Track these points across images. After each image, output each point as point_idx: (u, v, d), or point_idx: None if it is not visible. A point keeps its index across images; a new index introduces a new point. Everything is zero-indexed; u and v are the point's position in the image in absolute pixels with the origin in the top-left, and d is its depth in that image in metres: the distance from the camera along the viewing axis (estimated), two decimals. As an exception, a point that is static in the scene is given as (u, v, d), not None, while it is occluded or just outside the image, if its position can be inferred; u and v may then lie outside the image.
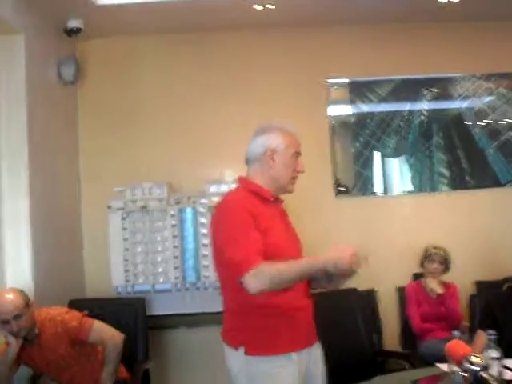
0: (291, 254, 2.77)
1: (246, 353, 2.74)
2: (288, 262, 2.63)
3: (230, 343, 2.85)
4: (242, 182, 2.98)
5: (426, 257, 5.09)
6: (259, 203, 2.83)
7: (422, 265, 5.15)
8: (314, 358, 2.90)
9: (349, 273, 2.62)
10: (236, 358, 2.80)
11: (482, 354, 2.14)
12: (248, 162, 3.02)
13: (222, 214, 2.83)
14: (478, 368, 1.94)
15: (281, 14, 5.30)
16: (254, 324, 2.75)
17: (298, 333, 2.80)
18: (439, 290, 5.00)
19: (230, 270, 2.72)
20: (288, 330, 2.75)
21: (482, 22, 5.56)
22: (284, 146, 2.90)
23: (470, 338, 3.46)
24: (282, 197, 3.04)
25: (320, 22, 5.53)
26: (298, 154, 2.94)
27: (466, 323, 4.62)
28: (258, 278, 2.56)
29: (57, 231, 4.95)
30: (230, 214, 2.77)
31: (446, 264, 5.07)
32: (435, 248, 5.09)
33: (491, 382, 1.90)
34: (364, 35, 5.67)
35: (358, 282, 3.90)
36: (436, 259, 5.05)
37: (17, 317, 3.51)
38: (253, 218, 2.72)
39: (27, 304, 3.58)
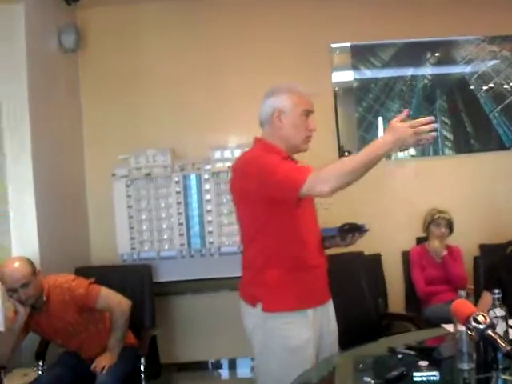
0: (305, 213, 2.87)
1: (264, 309, 2.81)
2: (351, 156, 2.62)
3: (248, 300, 2.90)
4: (258, 142, 3.01)
5: (432, 221, 5.10)
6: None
7: (426, 229, 5.16)
8: (327, 315, 2.99)
9: None
10: (253, 315, 2.86)
11: (488, 313, 2.15)
12: (261, 124, 3.04)
13: (252, 163, 2.82)
14: (484, 326, 1.94)
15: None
16: (270, 280, 2.81)
17: (313, 290, 2.88)
18: (443, 251, 5.02)
19: (282, 192, 2.68)
20: (304, 287, 2.82)
21: (485, -17, 5.52)
22: (291, 105, 2.90)
23: (474, 302, 3.48)
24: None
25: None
26: (308, 112, 2.93)
27: (470, 286, 4.63)
28: (323, 177, 2.54)
29: (61, 200, 4.97)
30: (260, 161, 2.77)
31: (450, 227, 5.09)
32: (440, 212, 5.10)
33: (497, 339, 1.91)
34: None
35: (364, 246, 3.92)
36: (442, 223, 5.07)
37: (24, 285, 3.52)
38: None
39: (34, 272, 3.59)
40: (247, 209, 2.92)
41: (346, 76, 5.75)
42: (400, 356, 2.59)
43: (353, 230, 2.89)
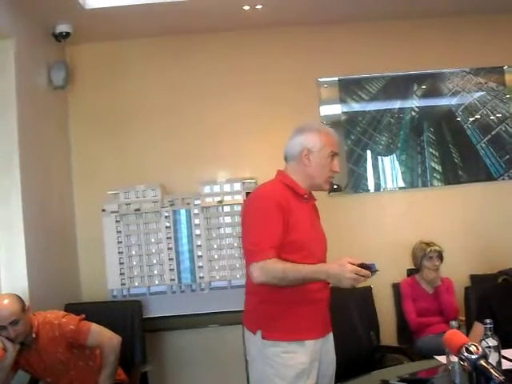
0: (315, 250, 2.96)
1: (263, 337, 2.88)
2: (295, 265, 2.74)
3: (249, 327, 3.01)
4: (279, 175, 3.09)
5: (425, 255, 5.10)
6: (291, 197, 2.96)
7: (419, 263, 5.14)
8: (327, 346, 3.05)
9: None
10: (254, 342, 2.95)
11: (480, 344, 2.14)
12: (286, 159, 3.11)
13: (253, 201, 3.01)
14: (477, 356, 1.94)
15: (269, 15, 5.32)
16: (272, 309, 2.89)
17: (314, 322, 2.94)
18: (439, 281, 5.03)
19: (245, 256, 2.90)
20: (304, 319, 2.89)
21: (470, 16, 5.59)
22: (320, 146, 2.99)
23: (466, 333, 3.47)
24: (316, 195, 3.17)
25: (309, 21, 5.54)
26: (334, 153, 3.02)
27: (462, 317, 4.62)
28: (263, 271, 2.73)
29: (51, 235, 4.94)
30: (260, 203, 2.93)
31: (441, 257, 5.09)
32: (429, 245, 5.10)
33: (490, 370, 1.90)
34: (353, 33, 5.70)
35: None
36: (435, 256, 5.08)
37: (13, 322, 3.49)
38: (282, 210, 2.84)
39: (23, 309, 3.56)
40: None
41: (334, 109, 5.78)
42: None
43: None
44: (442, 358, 2.80)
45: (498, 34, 5.66)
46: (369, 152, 5.75)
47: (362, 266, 2.87)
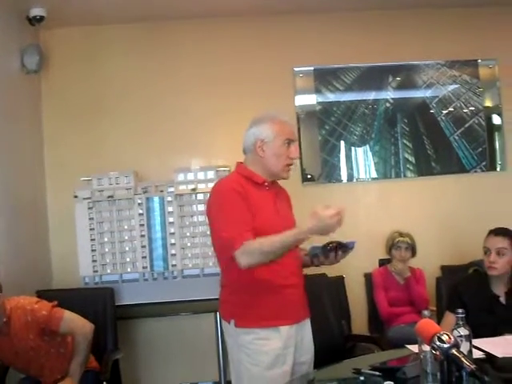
0: (282, 228, 2.91)
1: (236, 325, 2.92)
2: (273, 236, 2.81)
3: (224, 316, 3.06)
4: (238, 167, 3.14)
5: (393, 245, 5.15)
6: (251, 187, 2.99)
7: (389, 252, 5.21)
8: (303, 333, 3.07)
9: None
10: (228, 331, 3.00)
11: (452, 333, 2.16)
12: (244, 151, 3.16)
13: (214, 195, 3.02)
14: (449, 346, 1.95)
15: (245, 3, 5.31)
16: (242, 299, 2.94)
17: (285, 308, 2.96)
18: (407, 272, 5.07)
19: (221, 248, 2.97)
20: (274, 306, 2.93)
21: (446, 9, 5.64)
22: (273, 135, 3.03)
23: (437, 322, 3.50)
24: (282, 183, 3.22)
25: (285, 10, 5.53)
26: (289, 141, 3.05)
27: (432, 307, 4.66)
28: (247, 254, 2.78)
29: (22, 221, 4.90)
30: (221, 196, 2.96)
31: (412, 250, 5.13)
32: (401, 235, 5.15)
33: (462, 359, 1.92)
34: (329, 23, 5.71)
35: (327, 268, 3.92)
36: (403, 246, 5.13)
37: None
38: (242, 198, 2.89)
39: None
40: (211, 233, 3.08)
41: (309, 99, 5.78)
42: (365, 377, 2.59)
43: (337, 248, 2.96)
44: (413, 347, 2.81)
45: (473, 27, 5.71)
46: (342, 142, 5.76)
47: (337, 243, 2.93)
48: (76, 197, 5.07)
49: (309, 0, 5.39)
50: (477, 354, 2.46)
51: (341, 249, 2.97)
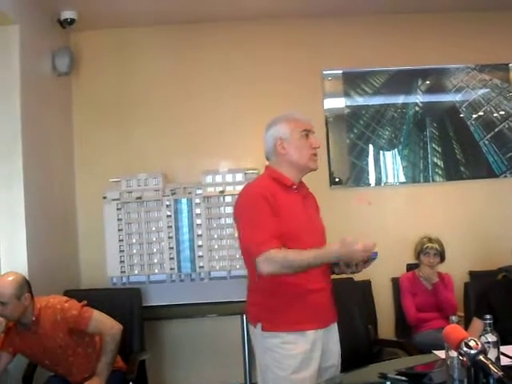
0: (309, 239, 2.93)
1: (263, 329, 2.92)
2: (300, 251, 2.78)
3: (250, 320, 3.05)
4: (267, 170, 3.13)
5: (422, 250, 5.11)
6: (280, 189, 2.98)
7: (417, 257, 5.17)
8: (330, 337, 3.06)
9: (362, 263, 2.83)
10: (255, 335, 3.00)
11: (479, 339, 2.14)
12: (267, 157, 3.16)
13: (241, 199, 3.03)
14: (476, 352, 1.94)
15: (275, 6, 5.32)
16: (269, 303, 2.93)
17: (312, 313, 2.95)
18: (435, 278, 5.03)
19: (246, 252, 2.96)
20: (302, 310, 2.92)
21: (477, 12, 5.58)
22: (289, 131, 3.04)
23: (465, 328, 3.47)
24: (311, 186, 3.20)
25: (314, 13, 5.54)
26: (307, 131, 3.06)
27: (460, 313, 4.63)
28: (269, 262, 2.77)
29: (52, 222, 4.95)
30: (249, 200, 2.97)
31: (441, 256, 5.09)
32: (430, 241, 5.11)
33: (489, 365, 1.90)
34: (358, 26, 5.69)
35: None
36: (431, 252, 5.08)
37: (1, 302, 3.49)
38: (270, 203, 2.87)
39: (18, 296, 3.52)
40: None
41: (338, 103, 5.78)
42: (391, 382, 2.58)
43: None
44: (440, 353, 2.80)
45: (504, 31, 5.65)
46: (371, 146, 5.74)
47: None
48: (105, 198, 5.11)
49: (338, 3, 5.38)
50: (505, 361, 2.43)
51: None
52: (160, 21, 5.51)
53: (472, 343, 1.96)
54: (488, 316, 2.45)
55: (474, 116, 5.77)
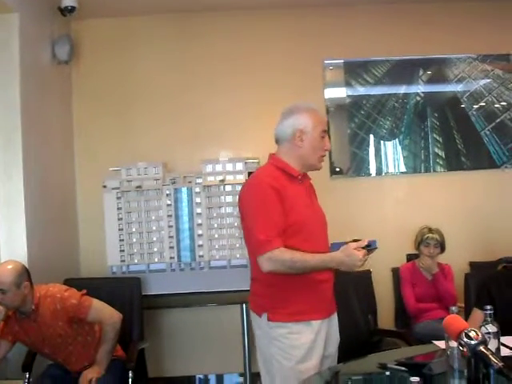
0: (314, 230, 2.98)
1: (269, 319, 2.92)
2: (304, 254, 2.82)
3: (255, 310, 3.04)
4: (271, 158, 3.11)
5: (422, 241, 5.10)
6: (285, 180, 2.97)
7: (417, 247, 5.16)
8: (332, 327, 3.09)
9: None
10: (259, 324, 2.99)
11: (480, 330, 2.14)
12: (277, 141, 3.12)
13: (251, 189, 3.00)
14: (476, 342, 1.93)
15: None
16: (276, 293, 2.94)
17: (319, 303, 2.98)
18: (435, 268, 5.02)
19: (251, 246, 2.95)
20: (308, 300, 2.93)
21: (479, 2, 5.56)
22: (312, 125, 3.01)
23: (465, 319, 3.47)
24: (310, 175, 3.19)
25: (316, 2, 5.52)
26: (324, 132, 3.06)
27: (460, 304, 4.63)
28: (272, 261, 2.80)
29: (51, 211, 4.95)
30: (258, 191, 2.93)
31: (441, 246, 5.08)
32: (430, 231, 5.10)
33: (489, 356, 1.90)
34: (359, 16, 5.67)
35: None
36: (431, 243, 5.07)
37: (1, 290, 3.50)
38: (278, 195, 2.87)
39: (17, 284, 3.52)
40: (244, 227, 3.05)
41: (339, 92, 5.76)
42: (391, 372, 2.58)
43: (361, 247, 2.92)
44: (440, 343, 2.80)
45: (506, 21, 5.63)
46: (372, 136, 5.73)
47: (366, 247, 2.91)
48: (105, 187, 5.10)
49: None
50: (505, 352, 2.43)
51: (364, 248, 2.93)
52: (161, 9, 5.49)
53: (472, 334, 1.95)
54: (488, 306, 2.45)
55: (476, 106, 5.74)
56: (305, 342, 2.89)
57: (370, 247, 2.89)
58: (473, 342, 1.93)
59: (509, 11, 5.61)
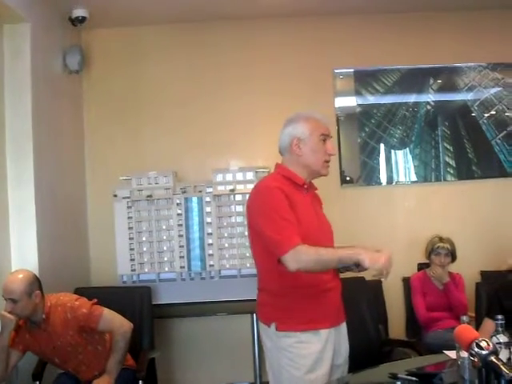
0: (321, 239, 2.93)
1: (277, 329, 2.90)
2: (326, 248, 2.78)
3: (263, 320, 3.01)
4: (278, 168, 3.10)
5: (433, 250, 5.08)
6: (292, 189, 2.95)
7: (428, 257, 5.14)
8: (340, 336, 3.06)
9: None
10: (268, 334, 2.97)
11: (491, 339, 2.13)
12: (280, 152, 3.12)
13: (259, 196, 2.97)
14: (487, 352, 1.92)
15: (287, 4, 5.30)
16: (284, 302, 2.92)
17: (327, 312, 2.95)
18: (446, 277, 5.00)
19: (269, 249, 2.86)
20: (316, 309, 2.91)
21: (489, 10, 5.56)
22: (309, 132, 3.00)
23: (476, 328, 3.45)
24: (316, 184, 3.16)
25: (326, 11, 5.52)
26: (325, 136, 3.03)
27: (471, 314, 4.60)
28: (297, 258, 2.72)
29: (62, 219, 4.96)
30: (267, 196, 2.90)
31: (452, 256, 5.06)
32: (441, 241, 5.07)
33: (501, 366, 1.89)
34: (370, 25, 5.68)
35: (365, 272, 3.90)
36: (442, 252, 5.05)
37: (11, 300, 3.52)
38: (286, 197, 2.85)
39: (28, 293, 3.54)
40: (256, 236, 3.00)
41: (349, 101, 5.76)
42: (401, 382, 2.57)
43: None
44: (451, 353, 2.78)
45: (517, 29, 5.62)
46: (382, 145, 5.72)
47: None
48: (115, 196, 5.13)
49: (350, 2, 5.36)
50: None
51: None
52: (171, 19, 5.52)
53: (483, 344, 1.94)
54: (500, 316, 2.43)
55: (486, 115, 5.73)
56: (313, 351, 2.88)
57: None
58: (484, 352, 1.92)
59: (519, 20, 5.62)
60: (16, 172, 4.42)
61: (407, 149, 5.74)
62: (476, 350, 1.94)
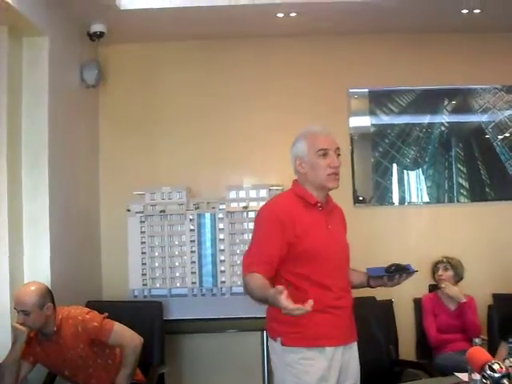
0: (332, 258, 2.97)
1: (283, 343, 2.92)
2: (265, 285, 2.75)
3: (271, 334, 3.04)
4: (293, 185, 3.16)
5: (435, 267, 5.08)
6: (302, 207, 3.01)
7: (433, 276, 5.13)
8: (350, 356, 3.04)
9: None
10: (275, 349, 2.99)
11: (504, 362, 2.12)
12: (295, 173, 3.17)
13: (259, 216, 3.08)
14: (500, 375, 1.92)
15: (302, 23, 5.32)
16: (291, 317, 2.81)
17: (333, 329, 2.94)
18: (463, 297, 4.94)
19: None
20: (323, 326, 2.91)
21: (504, 33, 5.54)
22: (307, 149, 3.03)
23: (488, 351, 3.43)
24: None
25: (341, 31, 5.53)
26: (324, 151, 3.02)
27: (483, 336, 4.58)
28: (245, 283, 2.85)
29: (75, 233, 4.98)
30: (263, 221, 3.02)
31: (454, 270, 5.02)
32: (443, 257, 5.07)
33: (513, 389, 1.89)
34: (385, 45, 5.68)
35: (376, 292, 3.90)
36: (441, 267, 5.04)
37: (23, 312, 3.55)
38: (282, 226, 2.90)
39: (40, 306, 3.57)
40: None
41: (364, 121, 5.77)
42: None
43: (399, 270, 3.01)
44: (462, 376, 2.77)
45: (532, 52, 5.62)
46: (395, 165, 5.72)
47: (398, 266, 2.94)
48: (129, 210, 5.14)
49: (365, 22, 5.37)
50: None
51: (404, 271, 2.98)
52: (186, 36, 5.55)
53: (496, 366, 1.94)
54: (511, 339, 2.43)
55: (500, 137, 5.72)
56: (318, 368, 2.87)
57: (408, 271, 3.02)
58: (496, 375, 1.93)
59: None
60: (31, 184, 4.43)
61: (420, 169, 5.74)
62: (489, 372, 1.94)
